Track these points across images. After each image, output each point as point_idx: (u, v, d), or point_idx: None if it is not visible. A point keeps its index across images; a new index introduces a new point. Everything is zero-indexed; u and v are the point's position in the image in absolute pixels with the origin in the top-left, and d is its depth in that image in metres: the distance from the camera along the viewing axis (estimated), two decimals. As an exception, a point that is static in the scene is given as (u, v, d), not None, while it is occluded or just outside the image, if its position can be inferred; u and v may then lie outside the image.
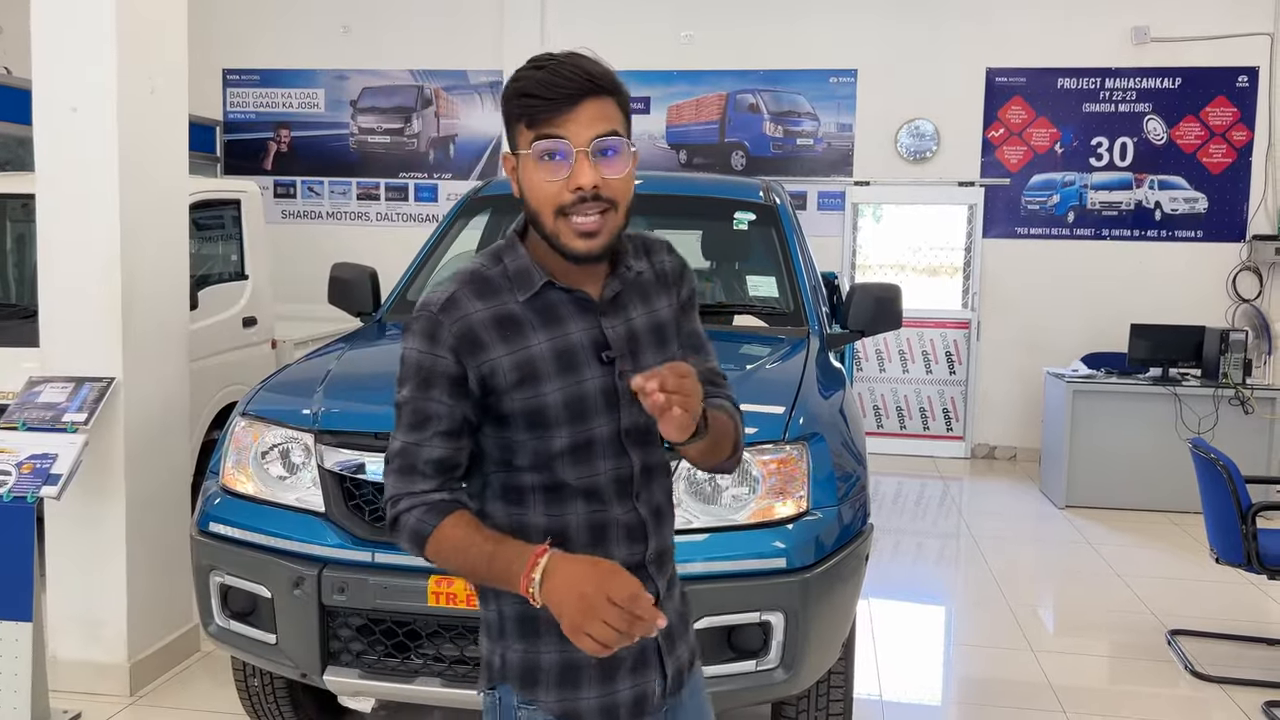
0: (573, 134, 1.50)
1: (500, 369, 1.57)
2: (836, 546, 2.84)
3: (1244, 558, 4.26)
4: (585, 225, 1.53)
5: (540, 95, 1.51)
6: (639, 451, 1.65)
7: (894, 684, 4.24)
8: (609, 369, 1.60)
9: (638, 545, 1.64)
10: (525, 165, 1.55)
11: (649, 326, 1.67)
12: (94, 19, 3.70)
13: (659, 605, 1.57)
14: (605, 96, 1.53)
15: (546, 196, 1.53)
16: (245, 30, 9.42)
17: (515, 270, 1.61)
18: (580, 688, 1.62)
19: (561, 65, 1.52)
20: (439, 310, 1.57)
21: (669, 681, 1.70)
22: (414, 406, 1.59)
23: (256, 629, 2.92)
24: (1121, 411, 7.08)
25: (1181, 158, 8.38)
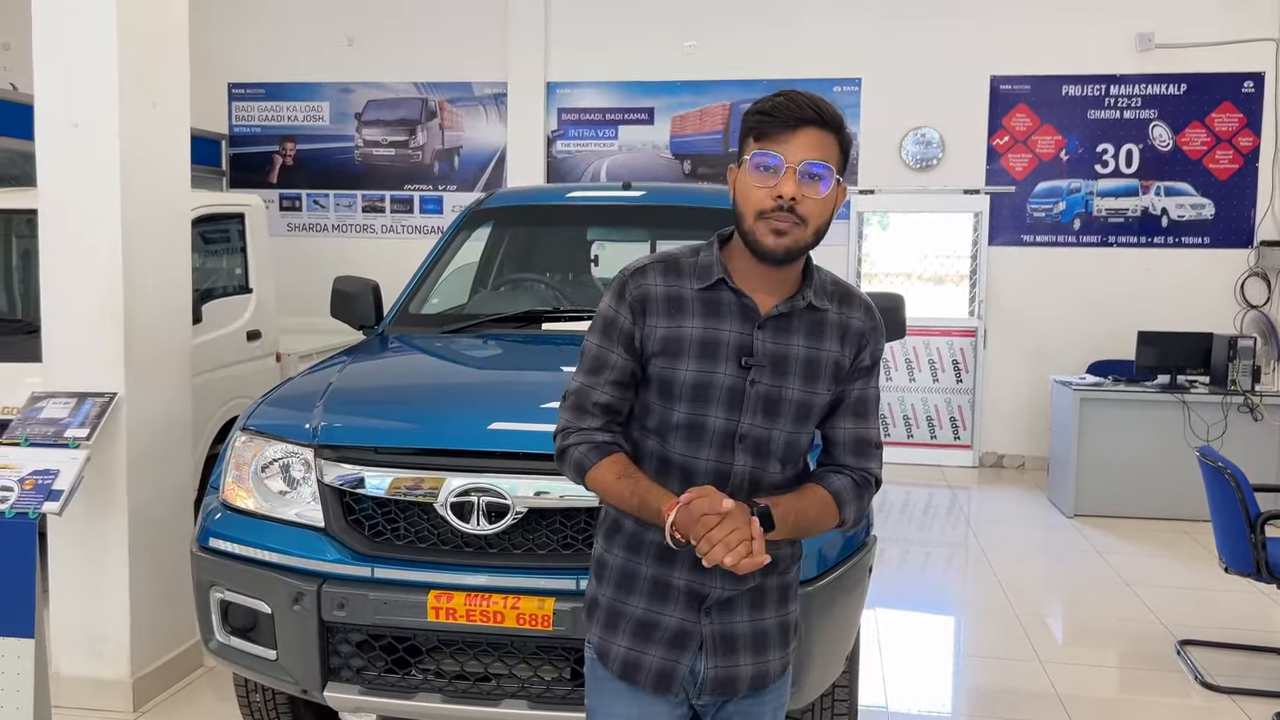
0: (788, 152, 1.73)
1: (653, 336, 1.81)
2: (839, 559, 2.82)
3: (1253, 567, 4.23)
4: (778, 226, 1.73)
5: (771, 114, 1.74)
6: (750, 459, 1.81)
7: (901, 695, 4.21)
8: (744, 373, 1.78)
9: None
10: (742, 172, 1.78)
11: (804, 358, 1.82)
12: (96, 35, 3.71)
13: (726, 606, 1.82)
14: (827, 131, 1.75)
15: (752, 200, 1.75)
16: (250, 44, 9.46)
17: (702, 263, 1.84)
18: (616, 634, 1.86)
19: (799, 95, 1.75)
20: (630, 276, 1.85)
21: (706, 678, 1.82)
22: (595, 353, 1.84)
23: (257, 645, 2.90)
24: (1129, 419, 7.04)
25: (1188, 164, 8.35)
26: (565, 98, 9.14)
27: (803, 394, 1.81)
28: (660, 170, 9.01)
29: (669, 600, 1.82)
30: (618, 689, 1.86)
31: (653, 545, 1.82)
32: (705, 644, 1.82)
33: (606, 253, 5.13)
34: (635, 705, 1.86)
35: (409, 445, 2.88)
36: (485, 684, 2.77)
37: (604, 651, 1.87)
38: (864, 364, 1.89)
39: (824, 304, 1.85)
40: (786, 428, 1.81)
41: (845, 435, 1.91)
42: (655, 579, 1.83)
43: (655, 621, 1.82)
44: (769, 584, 1.86)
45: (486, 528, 2.73)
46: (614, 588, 1.86)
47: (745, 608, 1.85)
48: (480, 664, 2.77)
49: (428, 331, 4.02)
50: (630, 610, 1.84)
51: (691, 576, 1.81)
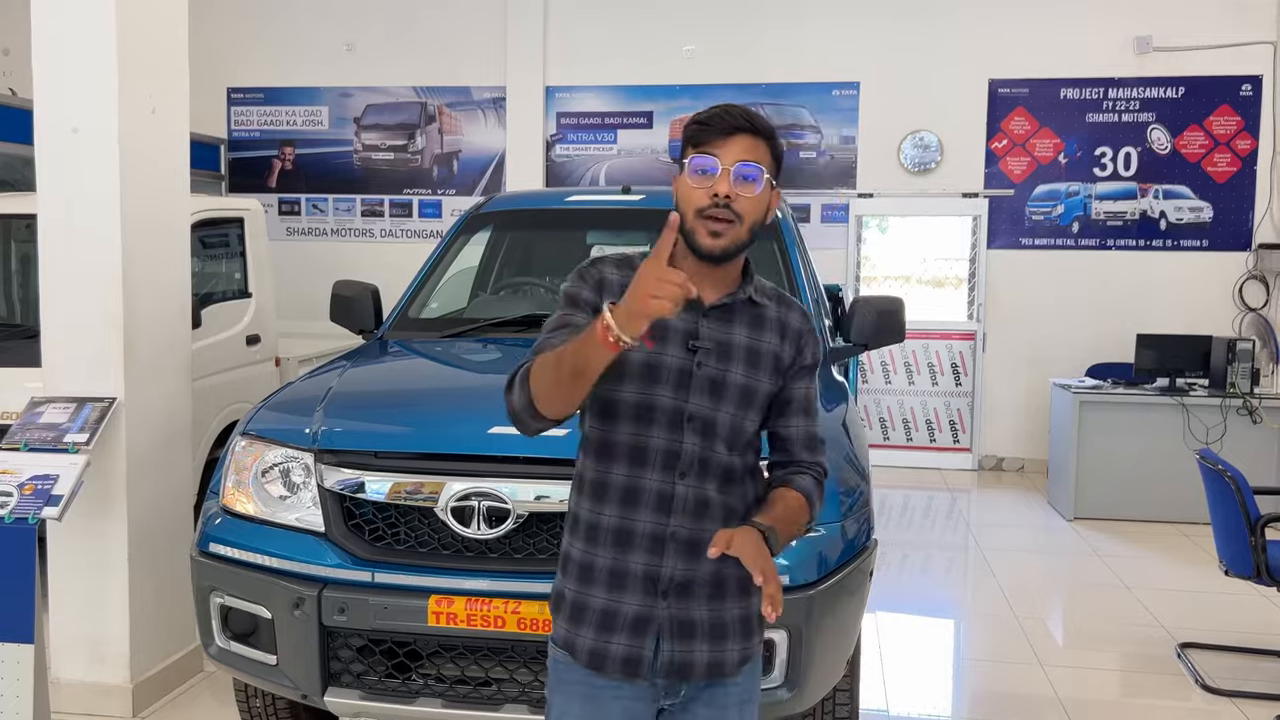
0: (722, 155, 1.86)
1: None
2: (840, 563, 2.82)
3: (1253, 570, 4.23)
4: (714, 226, 1.85)
5: (706, 123, 1.88)
6: (699, 439, 1.89)
7: (901, 698, 4.20)
8: (691, 355, 1.89)
9: (663, 517, 1.88)
10: (683, 177, 1.90)
11: (747, 346, 1.94)
12: (95, 40, 3.71)
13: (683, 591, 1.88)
14: (759, 138, 1.88)
15: (691, 200, 1.87)
16: (249, 49, 9.46)
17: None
18: (581, 626, 1.91)
19: (733, 107, 1.90)
20: (589, 264, 2.00)
21: (663, 660, 1.89)
22: (557, 318, 1.92)
23: (257, 650, 2.90)
24: (1128, 422, 7.05)
25: (1186, 167, 8.37)
26: (564, 102, 9.15)
27: (745, 379, 1.92)
28: (659, 174, 9.01)
29: (627, 587, 1.89)
30: (582, 684, 1.92)
31: (609, 533, 1.90)
32: (662, 628, 1.89)
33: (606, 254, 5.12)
34: (592, 703, 1.92)
35: (409, 450, 2.88)
36: (486, 689, 2.77)
37: (570, 643, 1.93)
38: (805, 362, 2.02)
39: (763, 301, 1.99)
40: (731, 410, 1.91)
41: (798, 433, 2.02)
42: (612, 568, 1.90)
43: (615, 610, 1.89)
44: (727, 573, 1.90)
45: (487, 532, 2.73)
46: (576, 581, 1.93)
47: (704, 598, 1.91)
48: (481, 669, 2.77)
49: (427, 336, 4.02)
50: (593, 601, 1.91)
51: (648, 560, 1.88)
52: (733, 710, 1.97)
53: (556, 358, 1.75)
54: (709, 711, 1.95)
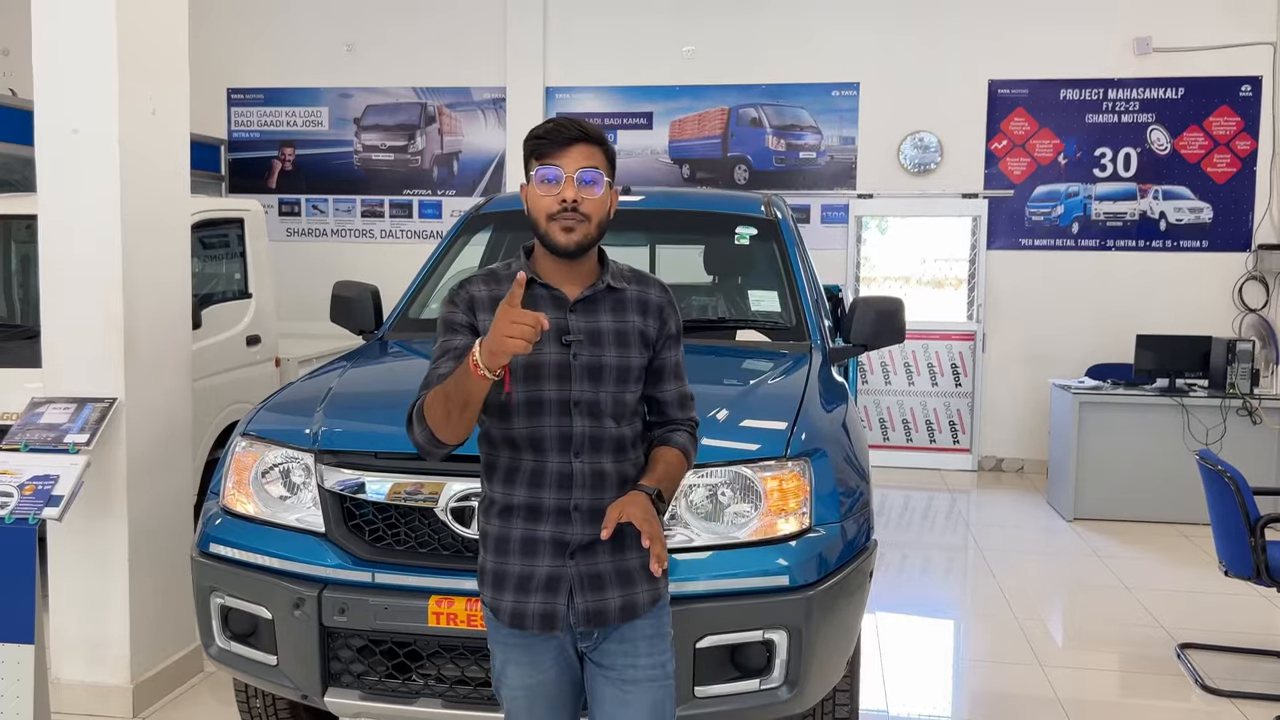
0: (564, 164, 2.08)
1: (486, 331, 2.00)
2: (840, 563, 2.82)
3: (1253, 570, 4.23)
4: (566, 224, 2.08)
5: (545, 137, 2.10)
6: (587, 420, 2.12)
7: (901, 699, 4.20)
8: (566, 350, 2.11)
9: (566, 492, 2.10)
10: (530, 188, 2.12)
11: (614, 330, 2.16)
12: (96, 41, 3.71)
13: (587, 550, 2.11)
14: (593, 145, 2.11)
15: (542, 207, 2.10)
16: (249, 50, 9.47)
17: (515, 271, 2.16)
18: (503, 591, 2.13)
19: (565, 120, 2.12)
20: (457, 287, 2.20)
21: (578, 612, 2.10)
22: (439, 346, 2.12)
23: (257, 650, 2.90)
24: (1128, 423, 7.05)
25: (1185, 168, 8.37)
26: (564, 102, 9.15)
27: (619, 359, 2.15)
28: (659, 175, 9.02)
29: (538, 553, 2.11)
30: (511, 638, 2.16)
31: (520, 509, 2.12)
32: (574, 584, 2.10)
33: (608, 257, 5.12)
34: (527, 651, 2.16)
35: (409, 450, 2.86)
36: (486, 689, 2.77)
37: (496, 608, 2.15)
38: (670, 333, 2.25)
39: (621, 284, 2.20)
40: (610, 389, 2.14)
41: (671, 395, 2.27)
42: (524, 538, 2.12)
43: (530, 574, 2.11)
44: (629, 529, 2.08)
45: (487, 532, 2.73)
46: (494, 553, 2.15)
47: (608, 550, 2.12)
48: (481, 669, 2.76)
49: (427, 336, 4.01)
50: (510, 569, 2.13)
51: (556, 529, 2.11)
52: (642, 643, 2.17)
53: (443, 394, 1.96)
54: (620, 646, 2.16)
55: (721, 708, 2.69)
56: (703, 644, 2.62)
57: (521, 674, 2.17)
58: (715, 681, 2.67)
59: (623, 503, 2.05)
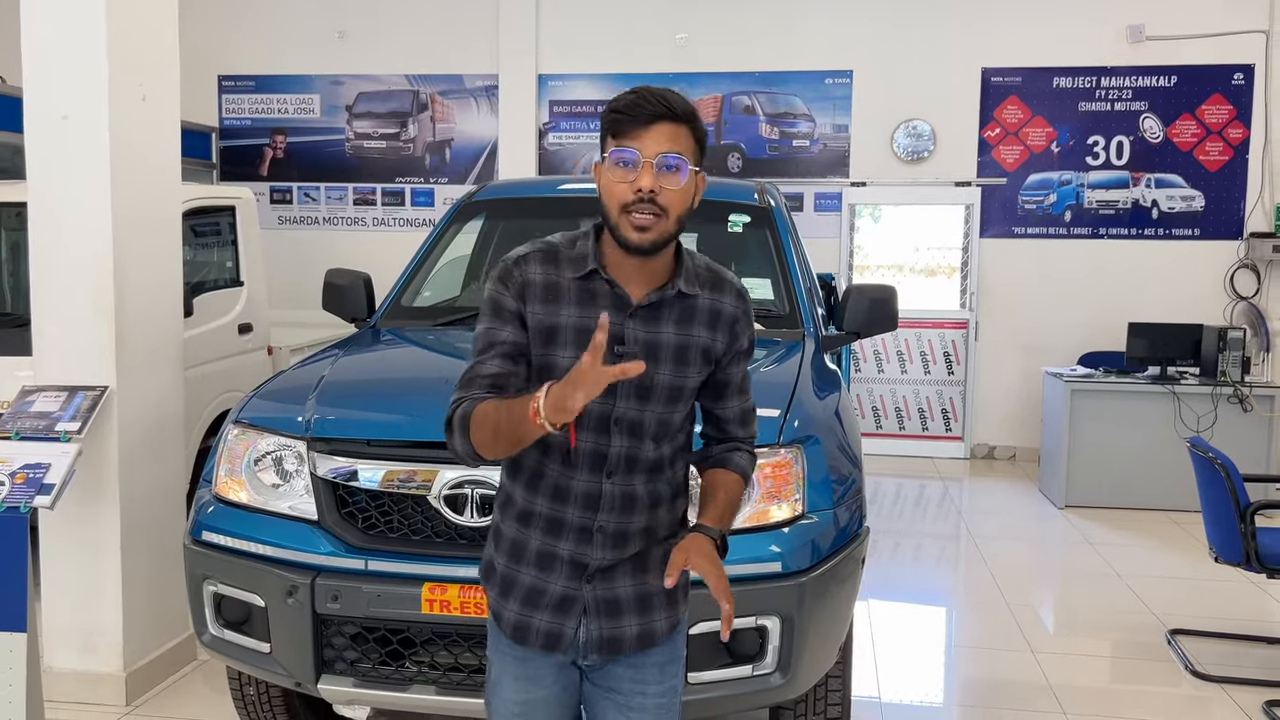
0: (643, 147, 1.81)
1: (534, 324, 1.89)
2: (832, 550, 2.83)
3: (1243, 556, 4.25)
4: (640, 221, 1.81)
5: (624, 112, 1.83)
6: (626, 440, 1.90)
7: (893, 685, 4.22)
8: (617, 360, 1.75)
9: (591, 513, 1.91)
10: (604, 169, 1.86)
11: (675, 345, 1.91)
12: (85, 27, 3.69)
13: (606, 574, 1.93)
14: (680, 124, 1.84)
15: (614, 194, 1.83)
16: (240, 36, 9.42)
17: (578, 254, 1.91)
18: (509, 599, 1.97)
19: (650, 93, 1.84)
20: (513, 262, 1.92)
21: (587, 638, 1.94)
22: (484, 335, 1.90)
23: (250, 638, 2.90)
24: (1120, 411, 7.07)
25: (1178, 156, 8.38)
26: (557, 90, 9.12)
27: (673, 378, 1.91)
28: (652, 163, 8.99)
29: (554, 569, 1.94)
30: (512, 650, 2.00)
31: (540, 519, 1.94)
32: (588, 608, 1.94)
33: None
34: (525, 665, 1.99)
35: (402, 438, 2.88)
36: (479, 676, 2.77)
37: (498, 614, 1.99)
38: (741, 347, 2.01)
39: (694, 290, 1.94)
40: (658, 410, 1.91)
41: (734, 412, 2.06)
42: (540, 550, 1.94)
43: (542, 589, 1.94)
44: (653, 552, 1.96)
45: (480, 520, 2.73)
46: (507, 556, 1.98)
47: (629, 573, 1.95)
48: (474, 656, 2.77)
49: (420, 324, 4.02)
50: (521, 578, 1.96)
51: (575, 548, 1.92)
52: (653, 670, 2.01)
53: (494, 423, 1.75)
54: (631, 673, 2.00)
55: (715, 694, 2.70)
56: (696, 630, 2.61)
57: (518, 689, 2.00)
58: (708, 668, 2.68)
59: (688, 549, 1.83)
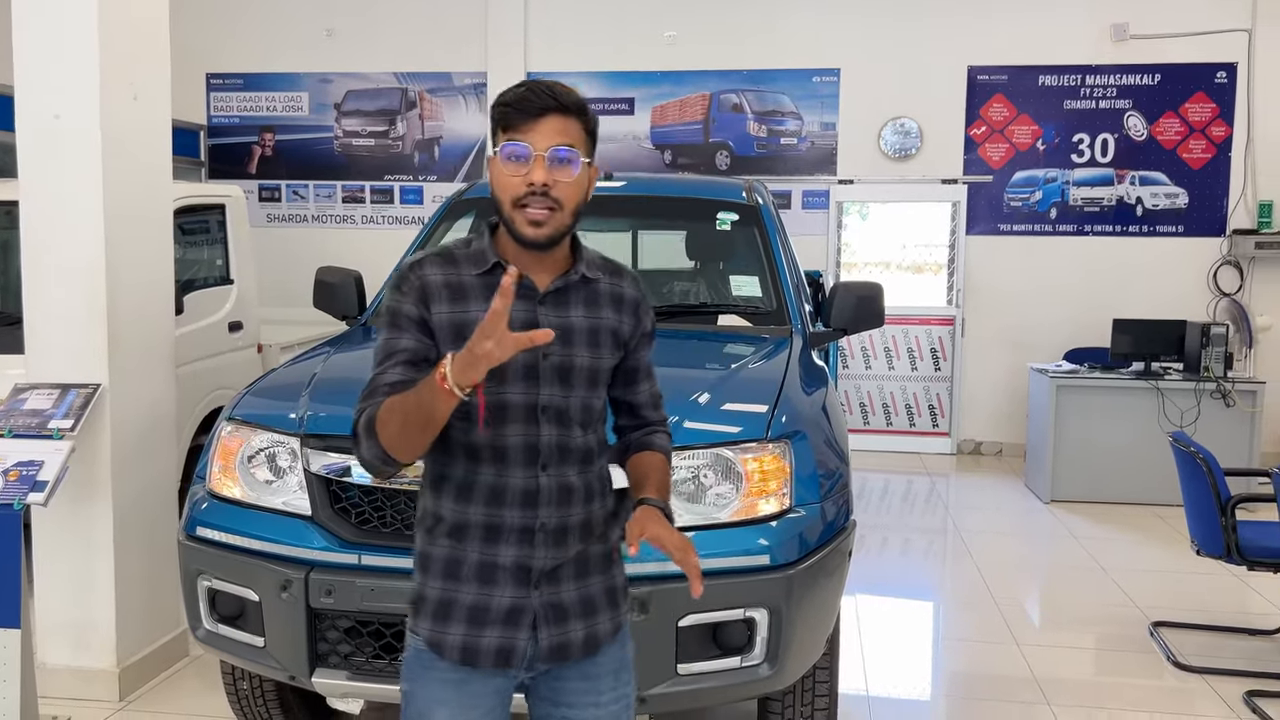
0: (534, 140, 1.80)
1: (441, 324, 1.86)
2: (820, 543, 2.87)
3: (1224, 549, 4.32)
4: (534, 215, 1.81)
5: (513, 105, 1.82)
6: (554, 428, 1.88)
7: (880, 679, 4.27)
8: (534, 349, 1.78)
9: (530, 510, 1.86)
10: (495, 163, 1.85)
11: (587, 327, 1.92)
12: (76, 26, 3.70)
13: (551, 577, 1.88)
14: (570, 116, 1.83)
15: (507, 189, 1.83)
16: (228, 34, 9.41)
17: (475, 251, 1.92)
18: (450, 623, 1.88)
19: (538, 85, 1.83)
20: (409, 268, 1.91)
21: (541, 647, 1.89)
22: (385, 344, 1.86)
23: (245, 632, 2.92)
24: (1105, 406, 7.14)
25: (1162, 153, 8.45)
26: (545, 88, 9.13)
27: (591, 360, 1.91)
28: (641, 160, 9.03)
29: (497, 581, 1.87)
30: (449, 674, 1.89)
31: (477, 529, 1.87)
32: (537, 616, 1.88)
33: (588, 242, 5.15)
34: (462, 690, 1.90)
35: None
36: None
37: (438, 642, 1.88)
38: (645, 330, 2.03)
39: (595, 275, 1.96)
40: (581, 393, 1.91)
41: (646, 396, 2.08)
42: (481, 562, 1.87)
43: (486, 604, 1.87)
44: (591, 551, 1.94)
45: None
46: (442, 578, 1.89)
47: (571, 576, 1.92)
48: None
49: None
50: (461, 597, 1.88)
51: (518, 552, 1.87)
52: (607, 679, 1.98)
53: (401, 411, 1.70)
54: (583, 684, 1.96)
55: (704, 685, 2.74)
56: (685, 622, 2.66)
57: (452, 716, 1.90)
58: (697, 659, 2.72)
59: (641, 520, 1.82)
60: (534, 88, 1.82)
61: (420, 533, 1.95)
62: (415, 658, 1.93)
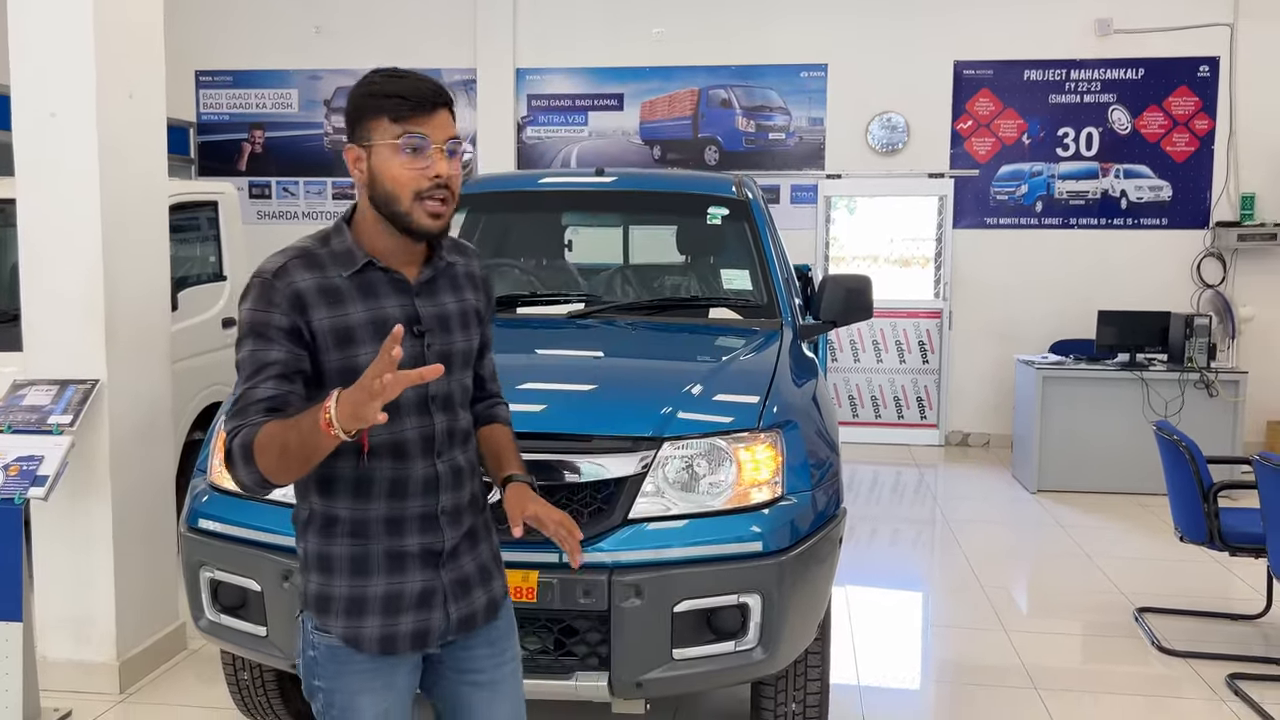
0: (432, 133, 1.82)
1: (322, 330, 1.83)
2: (811, 530, 2.92)
3: (1207, 536, 4.40)
4: (434, 208, 1.83)
5: (409, 97, 1.81)
6: (444, 415, 1.93)
7: (871, 668, 4.33)
8: (419, 341, 1.88)
9: (430, 498, 1.91)
10: (382, 154, 1.82)
11: (458, 311, 1.98)
12: (72, 24, 3.73)
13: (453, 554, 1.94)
14: (449, 109, 1.87)
15: (406, 182, 1.81)
16: (217, 32, 9.42)
17: (339, 250, 1.89)
18: (364, 617, 1.89)
19: (421, 77, 1.86)
20: (273, 276, 1.83)
21: (452, 622, 1.95)
22: (252, 358, 1.79)
23: (247, 622, 2.96)
24: (1090, 397, 7.23)
25: (1146, 147, 8.54)
26: (535, 84, 9.19)
27: (465, 343, 1.98)
28: (630, 156, 9.08)
29: (406, 569, 1.90)
30: (366, 664, 1.91)
31: (379, 524, 1.88)
32: (446, 594, 1.94)
33: (580, 238, 5.21)
34: (379, 675, 1.92)
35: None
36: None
37: (354, 638, 1.89)
38: (492, 305, 2.13)
39: (454, 258, 2.01)
40: (459, 376, 1.98)
41: (489, 369, 2.17)
42: (389, 553, 1.89)
43: (399, 593, 1.90)
44: (478, 522, 2.02)
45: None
46: (349, 576, 1.89)
47: (468, 550, 1.98)
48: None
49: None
50: (372, 591, 1.89)
51: (422, 539, 1.91)
52: (505, 640, 2.07)
53: (280, 444, 1.68)
54: (489, 650, 2.04)
55: (699, 669, 2.79)
56: (680, 608, 2.72)
57: (376, 701, 1.92)
58: (692, 644, 2.77)
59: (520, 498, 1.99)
60: (419, 79, 1.84)
61: (311, 534, 1.92)
62: (328, 655, 1.91)
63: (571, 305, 4.04)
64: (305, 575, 1.95)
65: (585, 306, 4.02)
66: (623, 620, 2.71)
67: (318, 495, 1.90)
